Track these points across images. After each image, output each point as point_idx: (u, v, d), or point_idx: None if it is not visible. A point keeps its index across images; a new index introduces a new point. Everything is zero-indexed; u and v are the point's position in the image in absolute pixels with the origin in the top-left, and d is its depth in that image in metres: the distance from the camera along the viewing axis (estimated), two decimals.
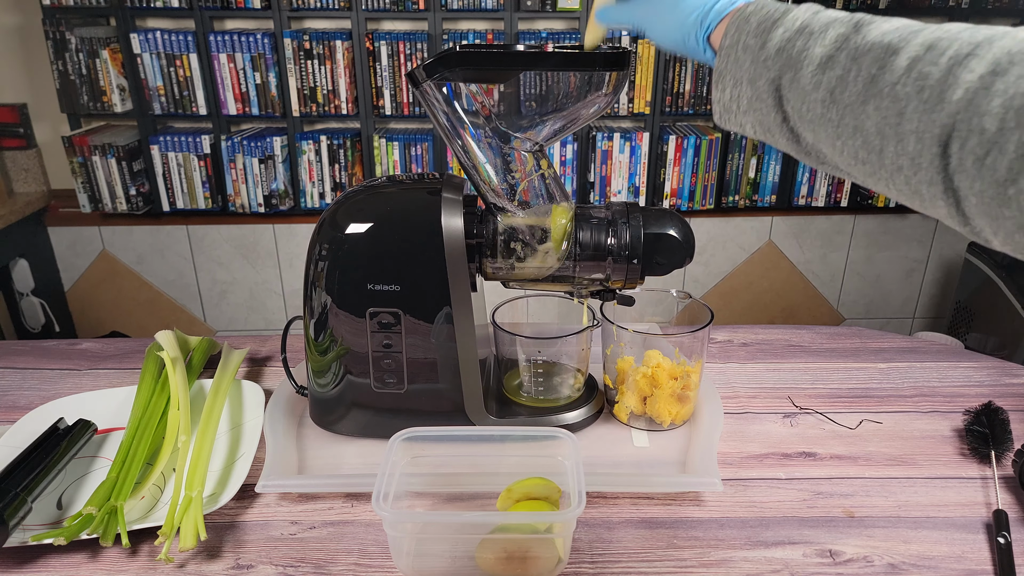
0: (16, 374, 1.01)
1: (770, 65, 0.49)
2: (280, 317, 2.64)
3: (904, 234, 2.59)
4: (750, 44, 0.50)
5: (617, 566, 0.67)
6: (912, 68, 0.40)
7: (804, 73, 0.46)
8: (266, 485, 0.73)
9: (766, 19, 0.50)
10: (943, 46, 0.40)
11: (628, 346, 0.86)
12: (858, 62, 0.43)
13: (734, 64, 0.52)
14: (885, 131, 0.41)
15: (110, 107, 2.28)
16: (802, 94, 0.46)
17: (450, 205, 0.75)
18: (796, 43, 0.47)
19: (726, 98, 0.53)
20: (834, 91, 0.44)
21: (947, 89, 0.38)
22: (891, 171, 0.42)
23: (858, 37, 0.44)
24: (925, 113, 0.39)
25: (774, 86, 0.48)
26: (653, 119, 2.38)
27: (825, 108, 0.45)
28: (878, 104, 0.41)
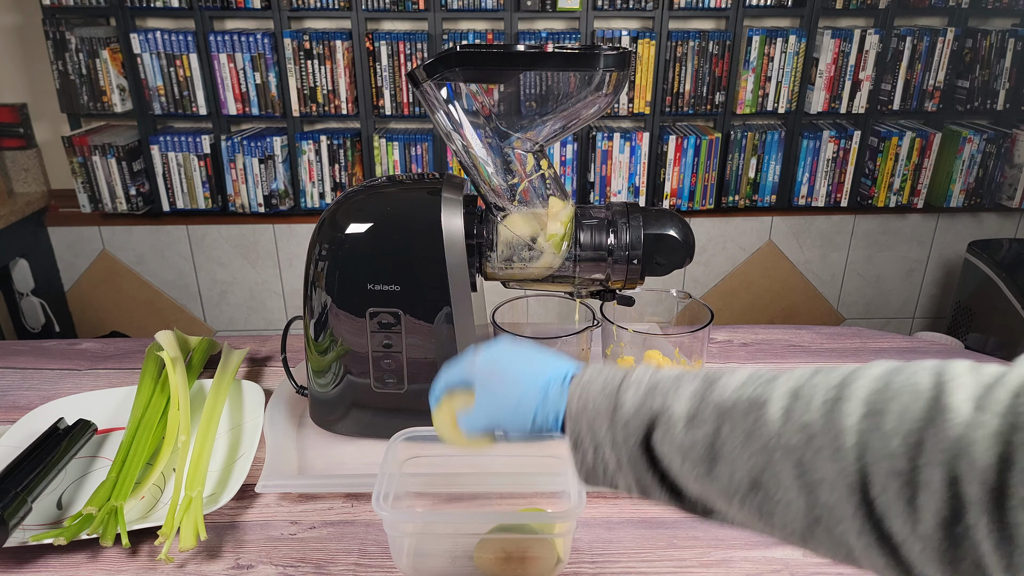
0: (16, 374, 1.01)
1: (632, 427, 0.47)
2: (280, 317, 2.64)
3: (904, 234, 2.59)
4: (601, 408, 0.49)
5: (617, 566, 0.67)
6: (789, 419, 0.39)
7: (674, 432, 0.44)
8: (266, 485, 0.73)
9: (609, 383, 0.49)
10: (807, 393, 0.40)
11: (628, 346, 0.86)
12: (727, 417, 0.42)
13: (588, 430, 0.49)
14: (787, 484, 0.39)
15: (110, 107, 2.28)
16: (679, 452, 0.44)
17: (450, 205, 0.75)
18: (653, 401, 0.46)
19: (589, 464, 0.50)
20: (713, 445, 0.42)
21: (838, 435, 0.37)
22: (808, 524, 0.39)
23: (714, 393, 0.44)
24: (828, 461, 0.37)
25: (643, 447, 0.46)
26: (653, 119, 2.38)
27: (708, 465, 0.43)
28: (769, 458, 0.40)
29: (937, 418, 0.35)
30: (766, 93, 2.36)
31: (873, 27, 2.32)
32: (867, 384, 0.38)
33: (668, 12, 2.26)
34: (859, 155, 2.42)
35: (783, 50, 2.30)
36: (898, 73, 2.33)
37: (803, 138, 2.41)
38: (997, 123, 2.45)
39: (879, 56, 2.31)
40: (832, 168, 2.44)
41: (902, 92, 2.35)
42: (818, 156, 2.42)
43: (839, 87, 2.34)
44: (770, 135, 2.38)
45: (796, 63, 2.32)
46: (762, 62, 2.32)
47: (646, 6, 2.26)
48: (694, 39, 2.28)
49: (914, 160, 2.40)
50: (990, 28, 2.33)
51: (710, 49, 2.29)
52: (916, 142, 2.38)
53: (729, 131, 2.40)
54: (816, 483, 0.38)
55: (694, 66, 2.32)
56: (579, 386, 0.52)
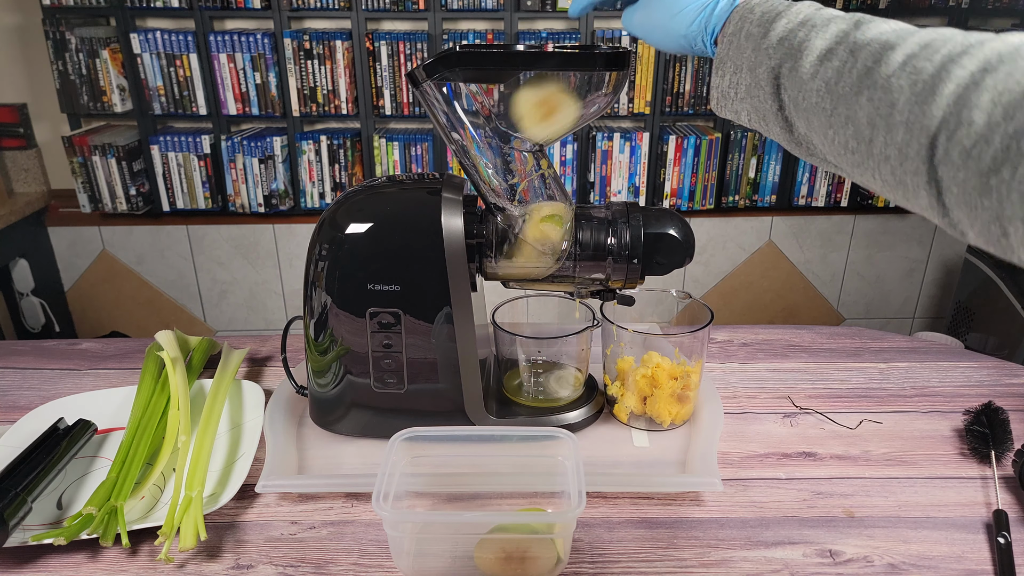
0: (16, 374, 1.01)
1: (771, 54, 0.50)
2: (280, 317, 2.64)
3: (904, 234, 2.59)
4: (753, 32, 0.52)
5: (617, 566, 0.67)
6: (907, 63, 0.41)
7: (804, 63, 0.48)
8: (266, 485, 0.73)
9: (770, 11, 0.52)
10: (937, 45, 0.41)
11: (628, 346, 0.86)
12: (855, 55, 0.45)
13: (735, 51, 0.53)
14: (876, 121, 0.42)
15: (110, 107, 2.28)
16: (799, 83, 0.48)
17: (450, 205, 0.75)
18: (798, 34, 0.49)
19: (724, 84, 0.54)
20: (830, 81, 0.45)
21: (939, 83, 0.39)
22: (878, 161, 0.43)
23: (858, 33, 0.46)
24: (916, 105, 0.40)
25: (773, 74, 0.50)
26: (653, 119, 2.38)
27: (820, 98, 0.46)
28: (871, 95, 0.43)
29: None
30: None
31: None
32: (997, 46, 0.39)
33: None
34: None
35: None
36: None
37: None
38: None
39: None
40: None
41: None
42: None
43: None
44: None
45: None
46: None
47: None
48: None
49: None
50: (990, 28, 2.33)
51: None
52: None
53: (729, 131, 2.40)
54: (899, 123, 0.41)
55: (694, 66, 2.32)
56: (742, 8, 0.55)
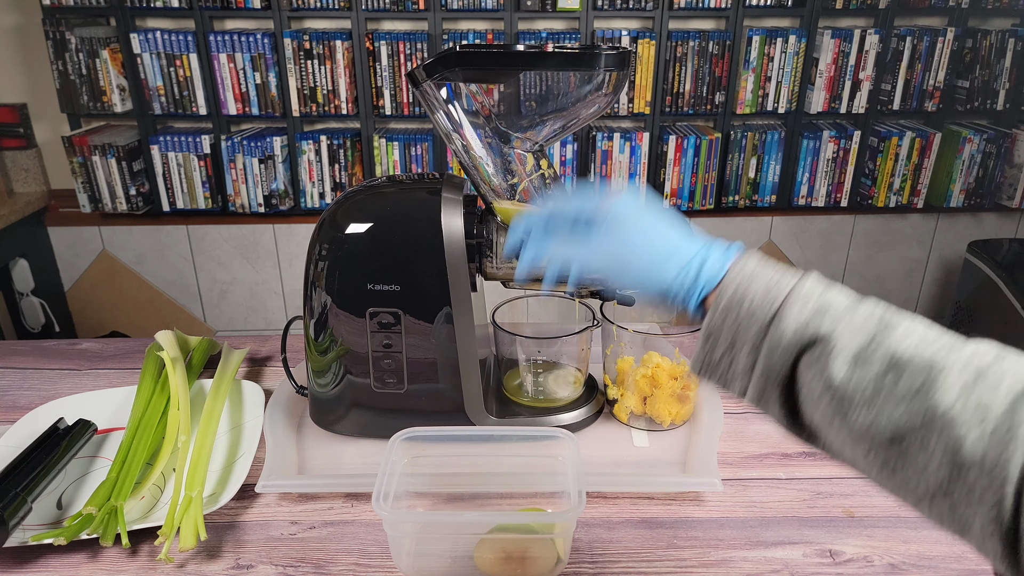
0: (16, 374, 1.01)
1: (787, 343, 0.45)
2: (280, 317, 2.64)
3: (904, 234, 2.59)
4: (758, 311, 0.46)
5: (617, 566, 0.67)
6: (967, 394, 0.38)
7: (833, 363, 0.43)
8: (266, 485, 0.73)
9: (774, 287, 0.47)
10: (995, 376, 0.38)
11: (628, 346, 0.86)
12: (897, 368, 0.41)
13: (733, 325, 0.47)
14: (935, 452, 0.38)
15: (110, 107, 2.28)
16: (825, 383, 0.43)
17: (450, 205, 0.75)
18: (821, 325, 0.44)
19: (714, 357, 0.48)
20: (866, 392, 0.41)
21: (1017, 427, 0.36)
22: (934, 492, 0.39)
23: (891, 339, 0.42)
24: (992, 448, 0.36)
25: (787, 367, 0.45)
26: (653, 119, 2.38)
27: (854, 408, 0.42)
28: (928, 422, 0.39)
29: None
30: (766, 93, 2.36)
31: (873, 27, 2.32)
32: None
33: (668, 12, 2.26)
34: (859, 155, 2.42)
35: (783, 50, 2.30)
36: (898, 73, 2.33)
37: (803, 138, 2.41)
38: (997, 123, 2.45)
39: (879, 56, 2.31)
40: (832, 168, 2.44)
41: (902, 92, 2.35)
42: (818, 156, 2.42)
43: (839, 87, 2.34)
44: (770, 135, 2.38)
45: (796, 63, 2.32)
46: (762, 62, 2.32)
47: (646, 6, 2.26)
48: (694, 39, 2.28)
49: (914, 160, 2.40)
50: (990, 28, 2.33)
51: (710, 49, 2.30)
52: (916, 142, 2.38)
53: (729, 131, 2.40)
54: (971, 463, 0.37)
55: (694, 66, 2.32)
56: (738, 276, 0.48)
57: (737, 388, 0.48)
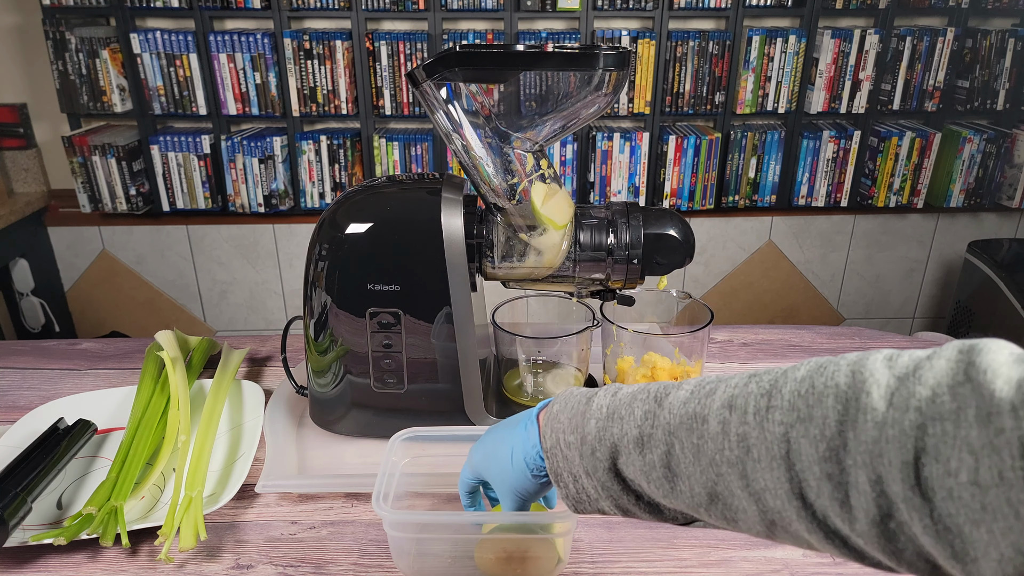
0: (16, 374, 1.01)
1: (599, 456, 0.48)
2: (280, 317, 2.64)
3: (904, 234, 2.59)
4: (571, 441, 0.50)
5: (617, 566, 0.67)
6: (727, 432, 0.41)
7: (633, 457, 0.46)
8: (266, 485, 0.73)
9: (575, 415, 0.51)
10: (740, 404, 0.41)
11: (628, 346, 0.86)
12: (675, 436, 0.44)
13: (564, 462, 0.51)
14: (737, 494, 0.41)
15: (110, 107, 2.28)
16: (642, 475, 0.46)
17: (450, 205, 0.75)
18: (612, 430, 0.47)
19: (573, 493, 0.51)
20: (669, 465, 0.44)
21: (771, 445, 0.38)
22: (767, 526, 0.41)
23: (663, 412, 0.45)
24: (767, 471, 0.39)
25: (612, 472, 0.48)
26: (653, 119, 2.38)
27: (671, 483, 0.44)
28: (717, 471, 0.41)
29: (856, 419, 0.36)
30: (766, 93, 2.36)
31: (873, 27, 2.32)
32: (793, 388, 0.39)
33: (668, 12, 2.26)
34: (859, 155, 2.42)
35: (783, 50, 2.30)
36: (898, 73, 2.33)
37: (803, 138, 2.41)
38: (997, 123, 2.45)
39: (879, 56, 2.31)
40: (832, 168, 2.44)
41: (902, 92, 2.35)
42: (818, 156, 2.42)
43: (839, 87, 2.34)
44: (770, 135, 2.38)
45: (796, 63, 2.32)
46: (762, 62, 2.32)
47: (646, 6, 2.26)
48: (694, 39, 2.28)
49: (914, 160, 2.40)
50: (990, 28, 2.33)
51: (710, 49, 2.29)
52: (916, 142, 2.38)
53: (729, 131, 2.40)
54: (761, 491, 0.39)
55: (694, 66, 2.32)
56: (549, 421, 0.53)
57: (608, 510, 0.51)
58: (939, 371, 0.34)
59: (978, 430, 0.31)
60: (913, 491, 0.33)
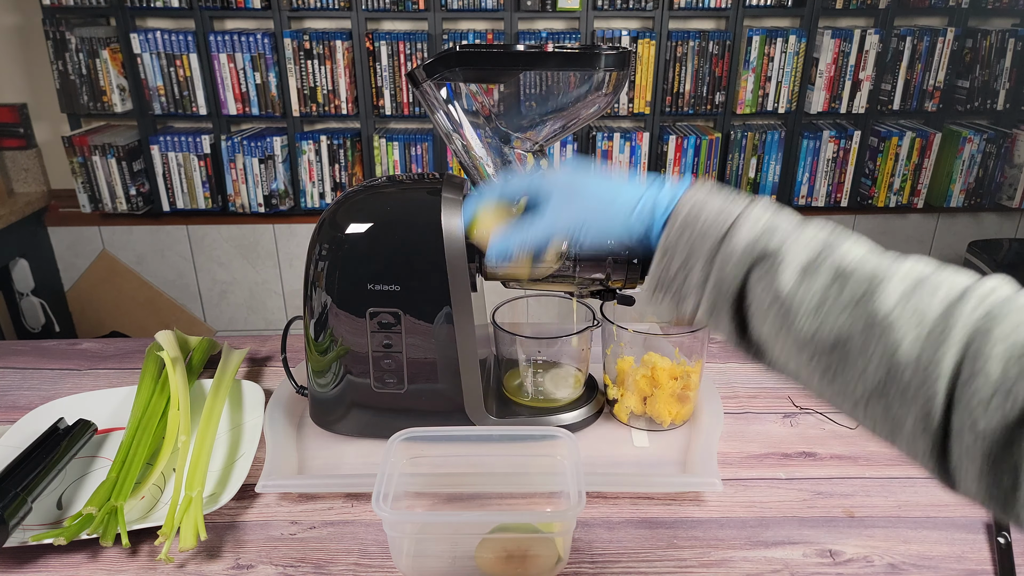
0: (16, 374, 1.01)
1: (738, 257, 0.47)
2: (280, 317, 2.64)
3: (904, 234, 2.59)
4: (711, 227, 0.49)
5: (617, 566, 0.67)
6: (906, 300, 0.40)
7: (782, 275, 0.45)
8: (266, 485, 0.73)
9: (726, 208, 0.50)
10: (933, 284, 0.41)
11: (628, 346, 0.86)
12: (843, 279, 0.43)
13: (686, 242, 0.49)
14: (873, 355, 0.40)
15: (110, 107, 2.28)
16: (773, 294, 0.45)
17: (450, 205, 0.75)
18: (771, 240, 0.47)
19: (668, 272, 0.50)
20: (813, 301, 0.43)
21: (948, 329, 0.38)
22: (870, 394, 0.41)
23: (838, 251, 0.45)
24: (927, 348, 0.38)
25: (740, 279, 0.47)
26: (653, 119, 2.38)
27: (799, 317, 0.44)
28: (868, 327, 0.41)
29: None
30: (766, 93, 2.36)
31: (873, 27, 2.32)
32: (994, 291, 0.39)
33: (668, 12, 2.26)
34: (859, 155, 2.42)
35: (783, 50, 2.30)
36: (898, 73, 2.33)
37: (803, 138, 2.41)
38: (997, 123, 2.45)
39: (879, 56, 2.31)
40: (832, 168, 2.44)
41: (902, 92, 2.35)
42: (818, 156, 2.42)
43: (839, 87, 2.34)
44: (770, 135, 2.38)
45: (796, 63, 2.32)
46: (762, 62, 2.32)
47: (646, 6, 2.26)
48: (694, 39, 2.28)
49: (914, 160, 2.40)
50: (990, 28, 2.33)
51: (710, 49, 2.30)
52: (916, 142, 2.38)
53: (729, 131, 2.40)
54: (906, 363, 0.39)
55: (694, 66, 2.32)
56: (692, 199, 0.51)
57: (690, 304, 0.50)
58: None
59: None
60: None
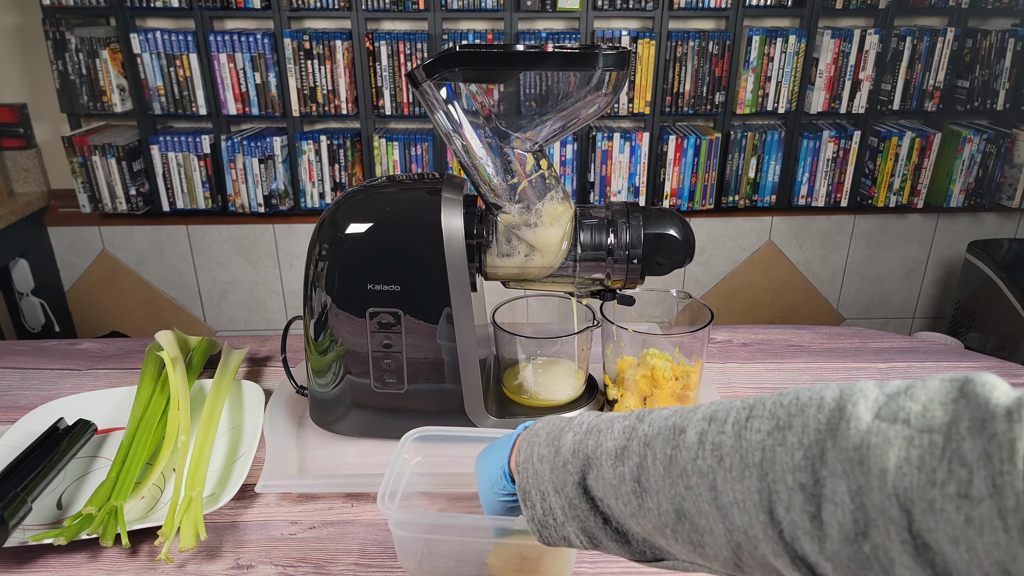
0: (16, 374, 1.01)
1: (570, 469, 0.47)
2: (280, 317, 2.64)
3: (904, 234, 2.59)
4: (544, 454, 0.50)
5: (617, 566, 0.67)
6: (703, 441, 0.40)
7: (605, 469, 0.45)
8: (266, 485, 0.73)
9: (554, 430, 0.51)
10: (721, 415, 0.40)
11: (628, 346, 0.86)
12: (651, 446, 0.43)
13: (534, 477, 0.50)
14: (705, 509, 0.39)
15: (110, 107, 2.28)
16: (611, 490, 0.45)
17: (450, 205, 0.75)
18: (588, 442, 0.47)
19: (539, 514, 0.50)
20: (639, 479, 0.43)
21: (745, 453, 0.37)
22: (733, 549, 0.39)
23: (643, 425, 0.45)
24: (737, 481, 0.38)
25: (581, 488, 0.47)
26: (653, 119, 2.38)
27: (639, 499, 0.43)
28: (687, 483, 0.40)
29: (839, 427, 0.35)
30: (766, 93, 2.36)
31: (873, 27, 2.32)
32: (775, 400, 0.38)
33: (668, 12, 2.26)
34: (859, 155, 2.42)
35: (783, 50, 2.30)
36: (898, 73, 2.33)
37: (803, 138, 2.41)
38: (997, 123, 2.45)
39: (879, 56, 2.31)
40: (832, 168, 2.44)
41: (902, 92, 2.35)
42: (818, 156, 2.42)
43: (839, 87, 2.34)
44: (770, 135, 2.38)
45: (796, 63, 2.32)
46: (762, 62, 2.32)
47: (646, 6, 2.26)
48: (694, 39, 2.28)
49: (914, 160, 2.40)
50: (990, 28, 2.33)
51: (710, 49, 2.29)
52: (916, 142, 2.38)
53: (729, 131, 2.40)
54: (729, 505, 0.38)
55: (694, 66, 2.32)
56: (527, 436, 0.53)
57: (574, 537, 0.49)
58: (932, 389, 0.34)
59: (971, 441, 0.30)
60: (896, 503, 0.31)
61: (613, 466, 0.45)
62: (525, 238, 0.77)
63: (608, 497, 0.45)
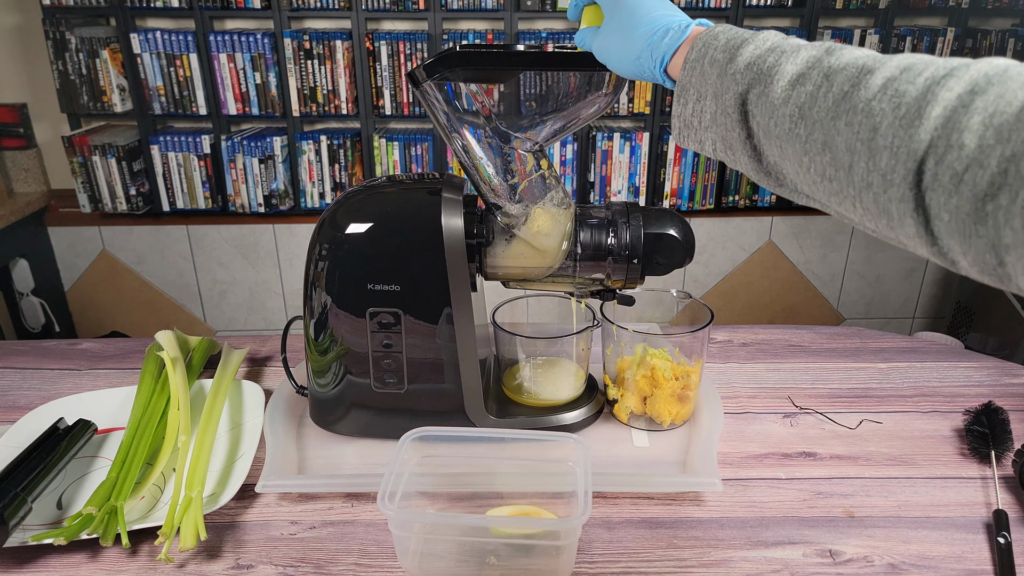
0: (16, 374, 1.01)
1: (739, 79, 0.48)
2: (280, 317, 2.64)
3: None
4: (718, 59, 0.50)
5: (617, 566, 0.67)
6: (888, 86, 0.40)
7: (775, 88, 0.46)
8: (266, 485, 0.73)
9: (735, 37, 0.51)
10: (919, 68, 0.40)
11: (628, 346, 0.86)
12: (830, 79, 0.43)
13: (699, 78, 0.51)
14: (856, 147, 0.41)
15: (110, 107, 2.28)
16: (770, 109, 0.46)
17: (450, 205, 0.75)
18: (767, 59, 0.47)
19: (687, 112, 0.51)
20: (804, 106, 0.44)
21: (925, 106, 0.38)
22: (859, 189, 0.41)
23: (831, 59, 0.45)
24: (901, 128, 0.38)
25: (740, 100, 0.48)
26: (653, 119, 2.38)
27: (793, 124, 0.44)
28: (851, 119, 0.41)
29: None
30: None
31: (873, 27, 2.32)
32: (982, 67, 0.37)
33: None
34: None
35: None
36: None
37: None
38: None
39: None
40: None
41: None
42: None
43: None
44: None
45: None
46: None
47: None
48: None
49: None
50: (990, 28, 2.33)
51: None
52: None
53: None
54: (883, 148, 0.39)
55: None
56: (705, 36, 0.52)
57: (709, 143, 0.51)
58: None
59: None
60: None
61: (785, 88, 0.45)
62: (525, 238, 0.77)
63: (763, 115, 0.46)
